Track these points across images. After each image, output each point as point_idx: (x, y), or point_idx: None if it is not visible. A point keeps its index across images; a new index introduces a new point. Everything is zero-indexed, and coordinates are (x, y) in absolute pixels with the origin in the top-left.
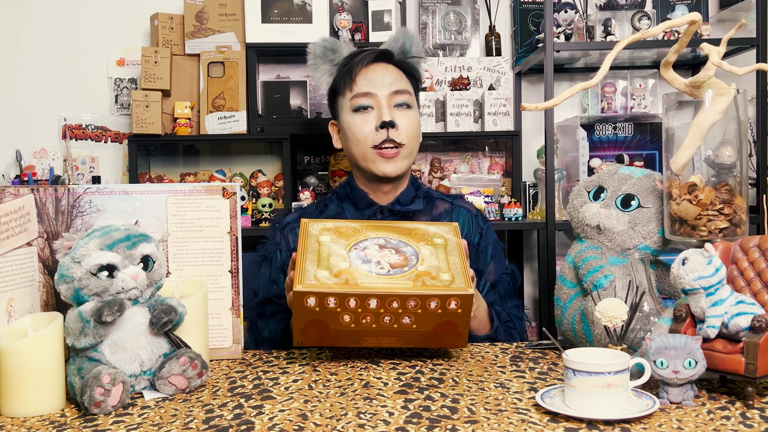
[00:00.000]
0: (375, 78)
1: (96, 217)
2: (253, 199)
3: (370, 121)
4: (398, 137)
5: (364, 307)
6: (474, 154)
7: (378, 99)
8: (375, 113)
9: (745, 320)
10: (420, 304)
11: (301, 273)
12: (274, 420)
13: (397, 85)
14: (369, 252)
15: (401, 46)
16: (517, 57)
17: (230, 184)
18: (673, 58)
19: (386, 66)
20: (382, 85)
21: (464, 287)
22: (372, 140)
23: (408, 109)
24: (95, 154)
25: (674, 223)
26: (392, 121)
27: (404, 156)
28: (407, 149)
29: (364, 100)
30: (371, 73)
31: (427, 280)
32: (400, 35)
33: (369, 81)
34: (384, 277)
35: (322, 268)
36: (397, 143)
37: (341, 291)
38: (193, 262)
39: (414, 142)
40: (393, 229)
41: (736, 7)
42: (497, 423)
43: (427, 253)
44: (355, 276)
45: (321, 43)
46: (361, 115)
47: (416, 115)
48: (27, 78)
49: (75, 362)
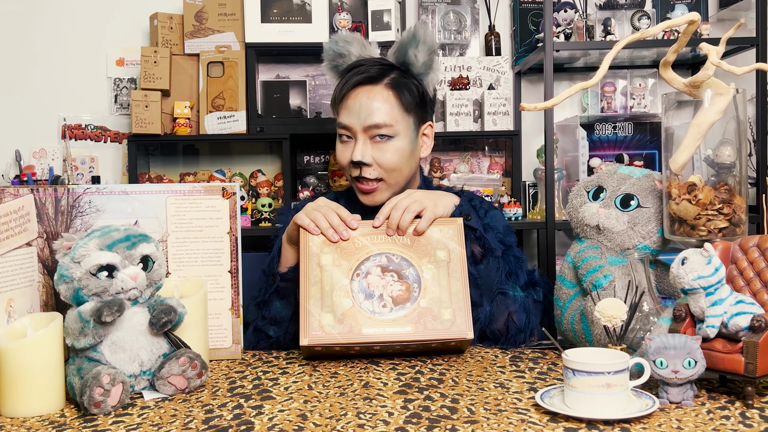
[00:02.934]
0: (353, 108)
1: (96, 217)
2: (252, 199)
3: (347, 152)
4: (372, 174)
5: (368, 349)
6: (474, 154)
7: (354, 132)
8: (352, 146)
9: (745, 320)
10: (421, 344)
11: (306, 319)
12: (274, 420)
13: (375, 117)
14: (371, 281)
15: (405, 56)
16: (517, 57)
17: (230, 184)
18: (673, 57)
19: (371, 90)
20: (358, 118)
21: (464, 329)
22: (350, 171)
23: (388, 140)
24: (95, 154)
25: (673, 222)
26: (361, 161)
27: (384, 189)
28: (387, 183)
29: (343, 131)
30: (351, 102)
31: (428, 322)
32: (406, 41)
33: (348, 111)
34: (387, 321)
35: (326, 310)
36: (373, 179)
37: (346, 342)
38: (193, 263)
39: (395, 174)
40: (395, 238)
41: (736, 7)
42: (497, 423)
43: (430, 278)
44: (359, 320)
45: (331, 45)
46: (343, 145)
47: (400, 144)
48: (26, 78)
49: (74, 362)
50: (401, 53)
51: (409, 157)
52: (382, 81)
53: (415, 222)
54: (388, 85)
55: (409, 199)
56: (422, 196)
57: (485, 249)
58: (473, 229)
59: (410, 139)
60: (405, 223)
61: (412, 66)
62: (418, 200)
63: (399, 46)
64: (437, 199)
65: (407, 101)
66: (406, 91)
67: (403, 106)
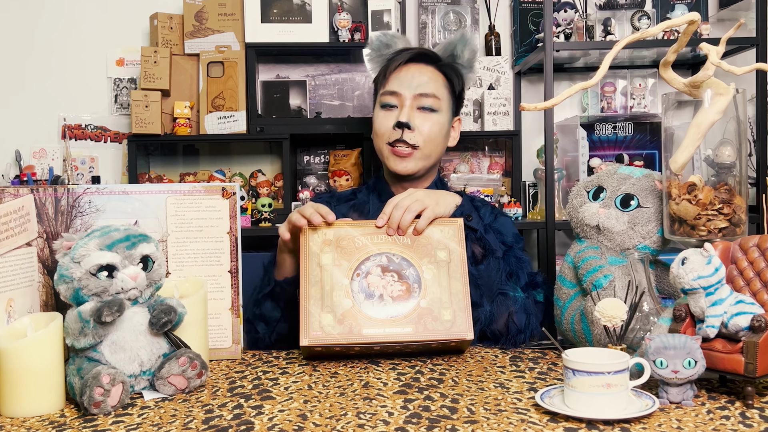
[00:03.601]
0: (405, 78)
1: (95, 217)
2: (252, 199)
3: (390, 118)
4: (412, 139)
5: (368, 348)
6: (474, 154)
7: (402, 99)
8: (397, 112)
9: (745, 320)
10: (421, 344)
11: (306, 319)
12: (274, 420)
13: (426, 88)
14: (372, 281)
15: (452, 51)
16: (517, 56)
17: (230, 184)
18: (673, 57)
19: (422, 67)
20: (410, 86)
21: (464, 330)
22: (388, 137)
23: (431, 113)
24: (95, 154)
25: (673, 222)
26: (407, 122)
27: (418, 158)
28: (422, 152)
29: (390, 98)
30: (403, 73)
31: (428, 323)
32: (456, 39)
33: (399, 80)
34: (387, 321)
35: (326, 310)
36: (411, 145)
37: (346, 343)
38: (193, 263)
39: (431, 146)
40: (395, 238)
41: (736, 7)
42: (497, 423)
43: (430, 278)
44: (359, 321)
45: (379, 36)
46: (386, 112)
47: (441, 119)
48: (26, 78)
49: (74, 362)
50: (449, 48)
51: (445, 135)
52: (434, 63)
53: (416, 221)
54: (438, 68)
55: (410, 199)
56: (424, 196)
57: (486, 249)
58: (474, 230)
59: (448, 120)
60: (405, 223)
61: (458, 59)
62: (419, 199)
63: (447, 43)
64: (438, 198)
65: (452, 86)
66: (454, 77)
67: (448, 88)
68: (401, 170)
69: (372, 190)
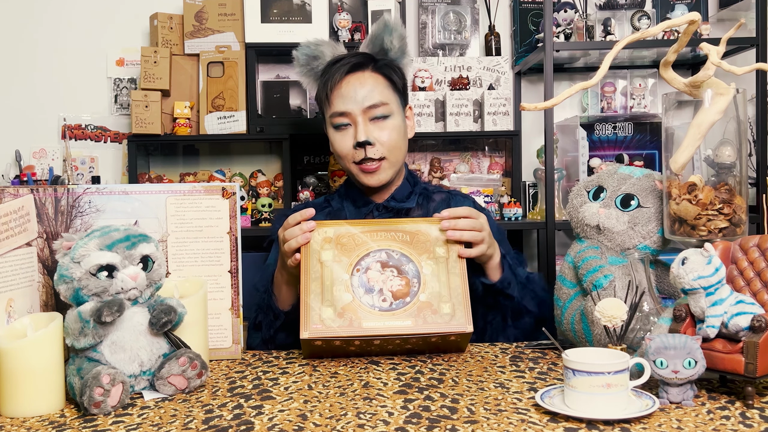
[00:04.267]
0: (348, 94)
1: (95, 217)
2: (252, 199)
3: (348, 138)
4: (376, 153)
5: (369, 343)
6: (474, 154)
7: (354, 116)
8: (352, 130)
9: (745, 320)
10: (421, 338)
11: (306, 313)
12: (274, 420)
13: (371, 98)
14: (372, 276)
15: (381, 44)
16: (517, 57)
17: (230, 184)
18: (673, 57)
19: (360, 76)
20: (355, 101)
21: (464, 323)
22: (352, 157)
23: (385, 120)
24: (95, 154)
25: (674, 222)
26: (366, 140)
27: (387, 167)
28: (389, 161)
29: (341, 119)
30: (345, 89)
31: (428, 316)
32: (379, 30)
33: (343, 98)
34: (387, 314)
35: (326, 304)
36: (377, 159)
37: (346, 335)
38: (193, 263)
39: (396, 151)
40: (395, 235)
41: (736, 7)
42: (497, 423)
43: (429, 273)
44: (359, 314)
45: (302, 50)
46: (341, 133)
47: (396, 122)
48: (26, 78)
49: (74, 362)
50: (377, 42)
51: (404, 136)
52: (368, 67)
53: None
54: (375, 70)
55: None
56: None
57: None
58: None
59: (402, 118)
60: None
61: (389, 51)
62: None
63: (372, 38)
64: (493, 244)
65: (394, 82)
66: (392, 73)
67: (392, 86)
68: (375, 183)
69: (345, 197)
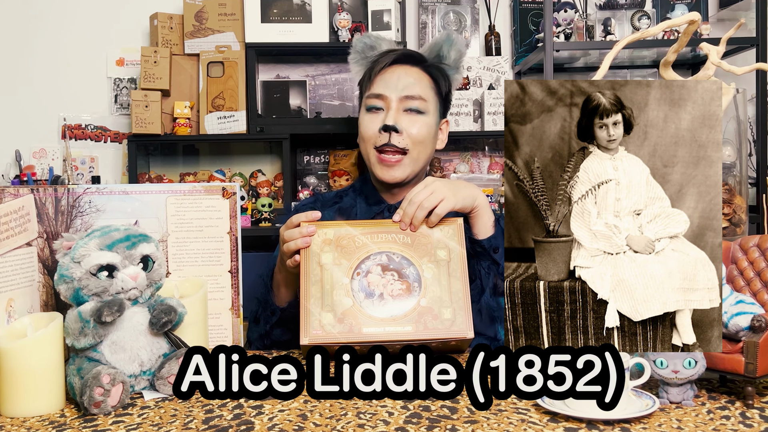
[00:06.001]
0: (390, 80)
1: (96, 217)
2: (252, 199)
3: (377, 121)
4: (400, 142)
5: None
6: (474, 154)
7: (388, 102)
8: (383, 115)
9: (745, 320)
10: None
11: (306, 318)
12: (274, 420)
13: (412, 89)
14: (372, 279)
15: (438, 52)
16: (517, 56)
17: (230, 184)
18: (673, 57)
19: (407, 68)
20: (395, 88)
21: (465, 329)
22: (375, 141)
23: (418, 115)
24: (95, 154)
25: None
26: (394, 125)
27: (407, 163)
28: (411, 156)
29: (376, 101)
30: (388, 75)
31: (428, 322)
32: (441, 40)
33: (384, 83)
34: (387, 320)
35: (326, 309)
36: (399, 149)
37: (346, 342)
38: (193, 263)
39: (420, 148)
40: (395, 237)
41: (736, 7)
42: (497, 423)
43: (430, 277)
44: (359, 320)
45: (362, 39)
46: (371, 115)
47: (429, 121)
48: (27, 78)
49: (75, 362)
50: (435, 48)
51: (433, 137)
52: (420, 64)
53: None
54: (424, 69)
55: (425, 192)
56: (441, 186)
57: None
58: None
59: (435, 122)
60: (417, 221)
61: (444, 60)
62: (435, 191)
63: (432, 44)
64: (456, 189)
65: (439, 85)
66: (440, 79)
67: (435, 89)
68: (389, 179)
69: (359, 193)
